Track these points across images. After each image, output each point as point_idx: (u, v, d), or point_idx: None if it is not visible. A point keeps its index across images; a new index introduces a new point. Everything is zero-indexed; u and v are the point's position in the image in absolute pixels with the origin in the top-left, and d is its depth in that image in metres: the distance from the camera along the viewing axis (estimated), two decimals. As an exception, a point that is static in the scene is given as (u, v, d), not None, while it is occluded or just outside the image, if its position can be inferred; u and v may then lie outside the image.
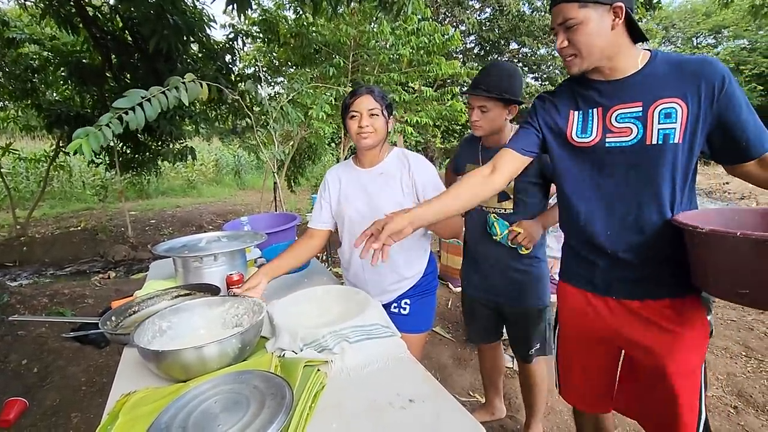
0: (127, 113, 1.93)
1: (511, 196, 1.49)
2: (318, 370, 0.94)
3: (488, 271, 1.57)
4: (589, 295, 1.15)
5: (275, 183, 4.12)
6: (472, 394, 2.10)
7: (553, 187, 1.52)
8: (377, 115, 1.34)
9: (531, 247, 1.47)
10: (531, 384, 1.69)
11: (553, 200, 1.53)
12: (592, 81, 1.05)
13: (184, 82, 2.15)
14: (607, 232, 1.07)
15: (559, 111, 1.12)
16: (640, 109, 0.98)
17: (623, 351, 1.18)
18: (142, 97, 1.97)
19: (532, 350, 1.60)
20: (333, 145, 9.01)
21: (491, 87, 1.42)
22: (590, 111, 1.06)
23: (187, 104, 2.19)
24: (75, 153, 1.91)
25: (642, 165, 1.00)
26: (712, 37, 16.86)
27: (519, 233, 1.44)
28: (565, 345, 1.27)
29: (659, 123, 0.97)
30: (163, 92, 2.06)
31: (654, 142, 0.97)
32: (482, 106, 1.44)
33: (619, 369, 1.22)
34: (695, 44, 17.44)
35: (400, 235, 1.04)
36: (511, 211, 1.50)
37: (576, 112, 1.08)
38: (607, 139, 1.03)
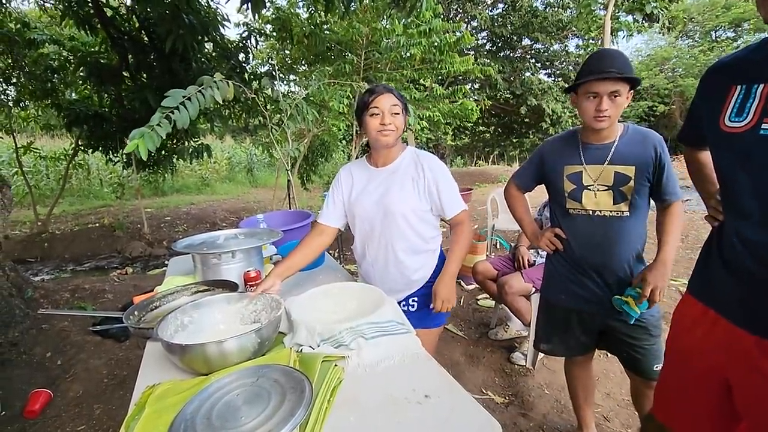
0: (173, 112, 1.99)
1: (629, 198, 1.34)
2: (335, 365, 0.96)
3: (597, 280, 1.41)
4: (703, 309, 1.01)
5: (289, 180, 4.16)
6: (485, 391, 2.11)
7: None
8: (398, 113, 1.36)
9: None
10: None
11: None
12: None
13: (216, 81, 2.21)
14: (735, 240, 0.91)
15: (721, 87, 0.95)
16: None
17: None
18: (184, 96, 2.03)
19: (658, 365, 1.39)
20: (344, 142, 9.05)
21: (621, 69, 1.23)
22: (754, 87, 0.86)
23: (221, 102, 2.24)
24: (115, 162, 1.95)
25: None
26: (731, 30, 16.43)
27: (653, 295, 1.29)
28: (669, 359, 1.15)
29: None
30: (200, 91, 2.12)
31: None
32: (614, 92, 1.24)
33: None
34: (714, 38, 17.02)
35: None
36: (627, 214, 1.35)
37: (738, 87, 0.90)
38: (763, 125, 0.84)
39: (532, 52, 12.90)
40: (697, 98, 1.06)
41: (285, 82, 6.95)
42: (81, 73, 5.07)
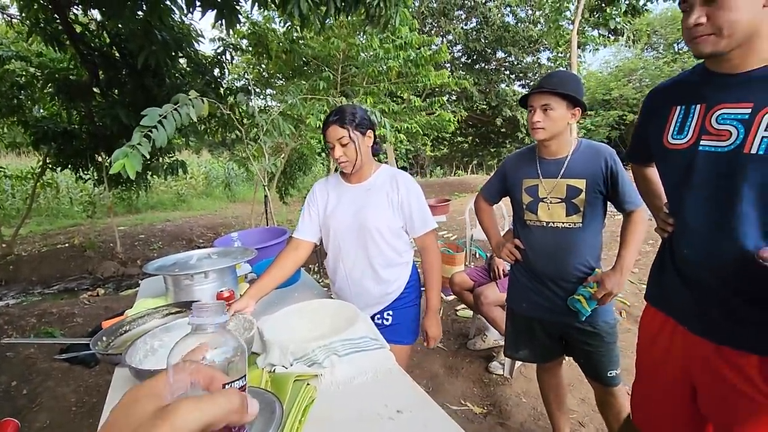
0: (151, 131, 1.98)
1: (581, 209, 1.40)
2: (308, 384, 0.96)
3: (554, 289, 1.47)
4: (663, 318, 1.05)
5: (266, 196, 4.13)
6: (463, 402, 2.12)
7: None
8: (347, 143, 1.37)
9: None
10: (617, 412, 1.49)
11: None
12: (707, 72, 0.92)
13: (190, 99, 2.20)
14: (684, 251, 0.97)
15: (663, 108, 1.02)
16: (749, 111, 0.83)
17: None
18: (160, 115, 2.02)
19: (613, 372, 1.46)
20: (324, 155, 9.06)
21: (555, 85, 1.35)
22: (693, 107, 0.93)
23: (195, 120, 2.24)
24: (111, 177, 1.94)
25: (732, 177, 0.85)
26: (692, 43, 17.31)
27: (606, 294, 1.34)
28: (640, 368, 1.19)
29: (766, 130, 0.81)
30: (175, 109, 2.11)
31: (753, 151, 0.82)
32: (545, 105, 1.34)
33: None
34: (677, 50, 17.88)
35: None
36: (579, 225, 1.41)
37: (678, 107, 0.97)
38: (702, 142, 0.90)
39: (506, 64, 13.28)
40: (641, 119, 1.14)
41: (261, 97, 6.94)
42: (49, 90, 4.94)
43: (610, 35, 9.30)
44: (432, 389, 2.16)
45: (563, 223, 1.42)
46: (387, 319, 1.50)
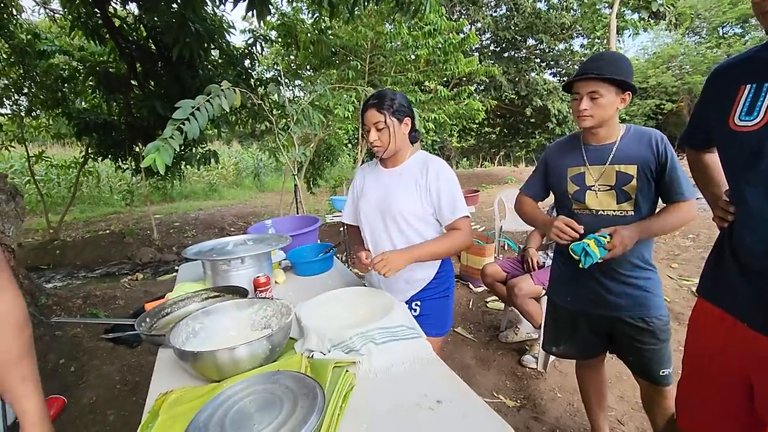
0: (183, 124, 2.01)
1: (633, 197, 1.31)
2: (347, 371, 0.96)
3: (604, 281, 1.38)
4: (719, 314, 1.00)
5: (295, 185, 4.18)
6: (496, 395, 2.09)
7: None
8: (382, 128, 1.37)
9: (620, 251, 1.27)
10: (665, 412, 1.41)
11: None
12: None
13: (222, 90, 2.22)
14: (747, 240, 0.91)
15: (729, 87, 0.95)
16: None
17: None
18: (192, 107, 2.05)
19: (665, 370, 1.38)
20: (350, 146, 9.09)
21: (603, 69, 1.25)
22: (765, 86, 0.87)
23: (227, 110, 2.27)
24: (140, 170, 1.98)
25: None
26: (739, 26, 16.23)
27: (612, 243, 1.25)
28: (690, 367, 1.12)
29: None
30: (208, 100, 2.14)
31: None
32: (593, 92, 1.26)
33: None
34: (721, 34, 16.82)
35: None
36: (631, 213, 1.32)
37: (748, 86, 0.90)
38: None
39: (537, 52, 12.84)
40: (703, 100, 1.06)
41: (290, 87, 7.00)
42: (90, 83, 5.16)
43: (651, 19, 8.83)
44: (463, 381, 2.13)
45: (614, 211, 1.34)
46: (415, 309, 1.47)
